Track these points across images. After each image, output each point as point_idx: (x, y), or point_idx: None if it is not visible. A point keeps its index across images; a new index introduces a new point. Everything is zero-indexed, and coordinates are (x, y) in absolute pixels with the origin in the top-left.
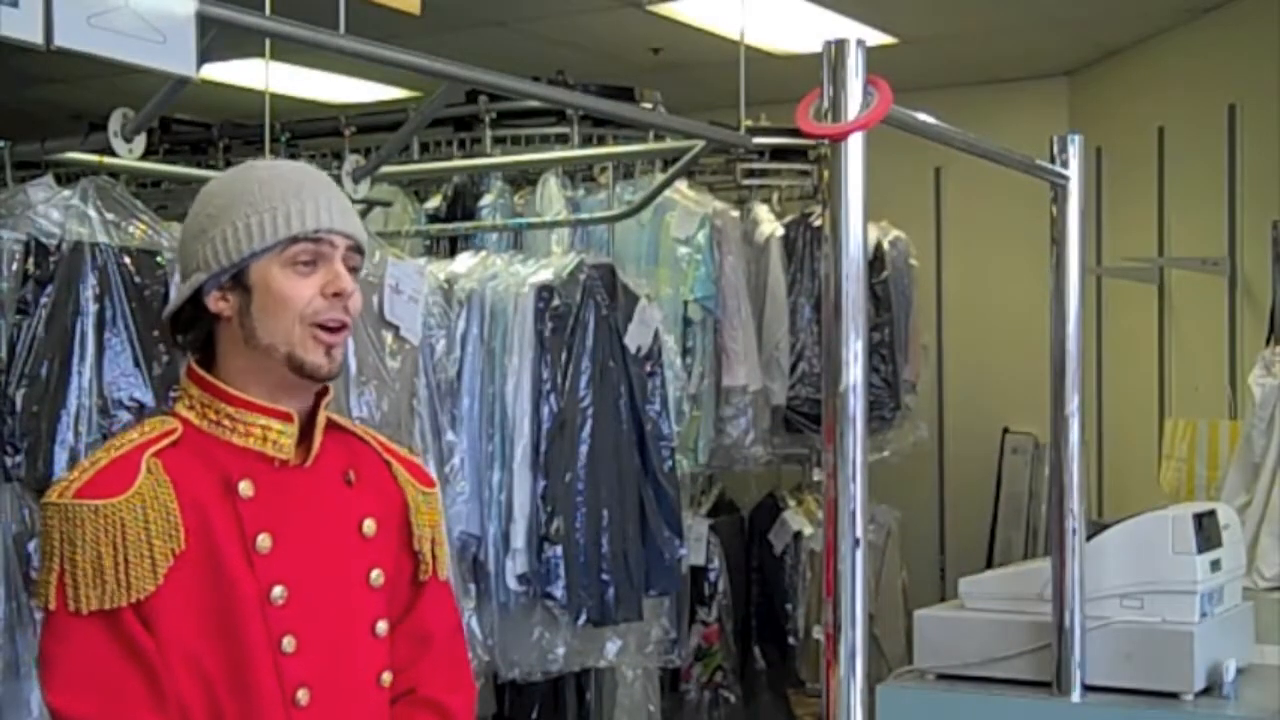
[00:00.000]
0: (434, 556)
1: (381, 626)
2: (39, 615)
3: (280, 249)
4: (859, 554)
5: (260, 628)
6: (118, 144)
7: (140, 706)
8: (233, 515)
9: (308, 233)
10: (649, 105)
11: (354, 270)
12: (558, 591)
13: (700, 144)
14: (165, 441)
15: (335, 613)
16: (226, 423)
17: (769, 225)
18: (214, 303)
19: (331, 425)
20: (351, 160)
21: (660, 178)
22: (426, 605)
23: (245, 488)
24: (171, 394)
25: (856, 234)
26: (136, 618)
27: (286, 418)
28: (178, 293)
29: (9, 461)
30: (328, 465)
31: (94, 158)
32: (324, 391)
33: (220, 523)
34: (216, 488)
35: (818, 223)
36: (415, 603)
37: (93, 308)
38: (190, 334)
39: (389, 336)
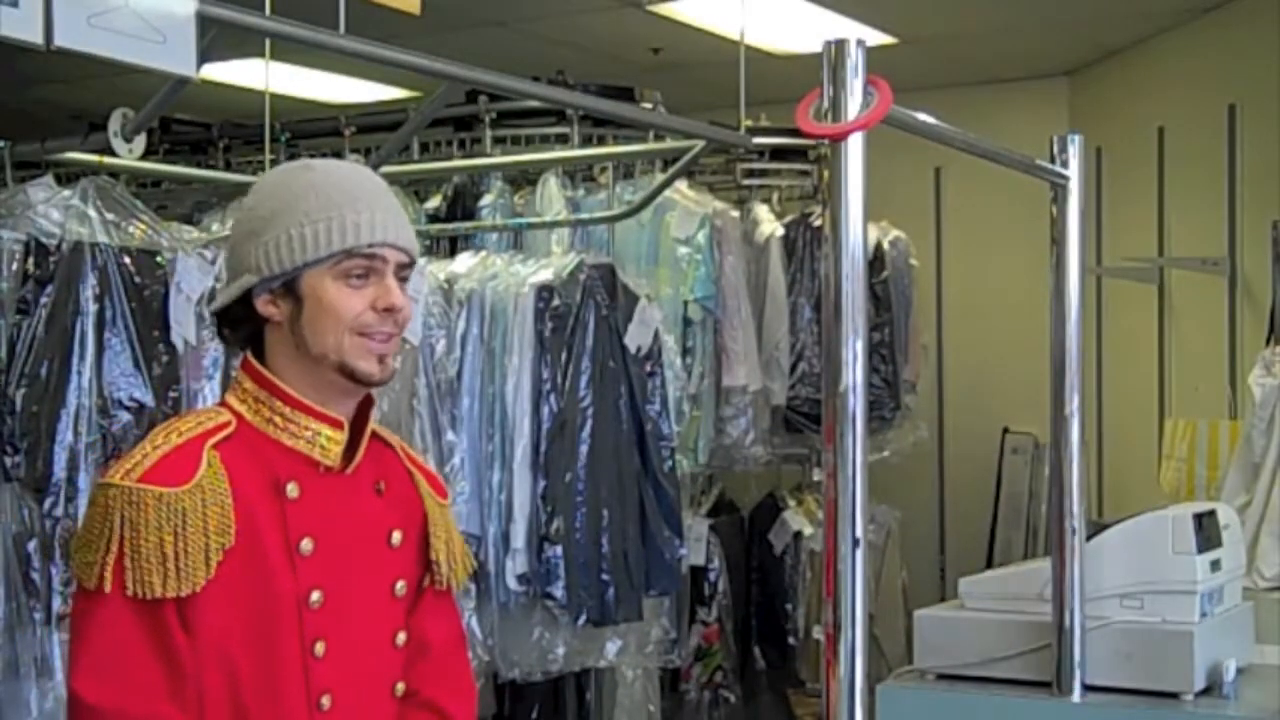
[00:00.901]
0: (446, 568)
1: (401, 637)
2: (39, 615)
3: (334, 261)
4: (859, 554)
5: (295, 630)
6: (118, 144)
7: (159, 698)
8: (279, 515)
9: (361, 246)
10: (649, 105)
11: (404, 280)
12: (558, 591)
13: (700, 144)
14: (222, 434)
15: (363, 621)
16: (279, 421)
17: (769, 225)
18: (263, 306)
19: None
20: (351, 160)
21: (660, 178)
22: (426, 613)
23: (293, 489)
24: (171, 394)
25: (856, 234)
26: (177, 611)
27: (337, 424)
28: (225, 290)
29: (9, 461)
30: (364, 474)
31: (94, 158)
32: (370, 398)
33: (267, 522)
34: (266, 486)
35: (818, 223)
36: (415, 610)
37: (93, 308)
38: (239, 331)
39: None
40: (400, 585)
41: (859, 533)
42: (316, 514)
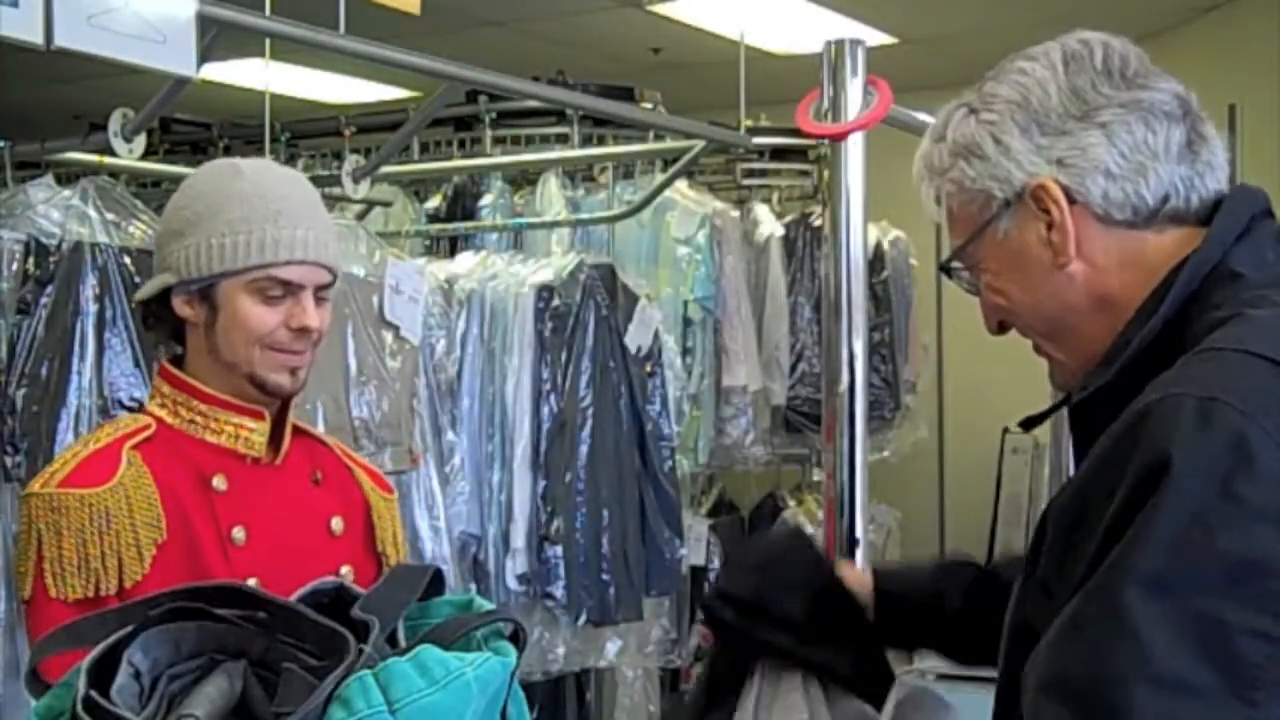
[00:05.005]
0: (396, 560)
1: None
2: None
3: (249, 276)
4: (859, 554)
5: None
6: (118, 144)
7: None
8: (208, 508)
9: (279, 263)
10: (649, 105)
11: (323, 300)
12: (558, 591)
13: (700, 144)
14: (141, 436)
15: None
16: (199, 420)
17: (769, 225)
18: (180, 306)
19: (296, 429)
20: (351, 160)
21: (660, 178)
22: None
23: (219, 482)
24: None
25: (856, 234)
26: None
27: (258, 416)
28: (148, 284)
29: (9, 461)
30: (296, 465)
31: (94, 158)
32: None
33: (197, 515)
34: (192, 481)
35: (818, 223)
36: None
37: (93, 308)
38: (161, 326)
39: (389, 336)
40: (345, 572)
41: (859, 533)
42: (247, 504)
